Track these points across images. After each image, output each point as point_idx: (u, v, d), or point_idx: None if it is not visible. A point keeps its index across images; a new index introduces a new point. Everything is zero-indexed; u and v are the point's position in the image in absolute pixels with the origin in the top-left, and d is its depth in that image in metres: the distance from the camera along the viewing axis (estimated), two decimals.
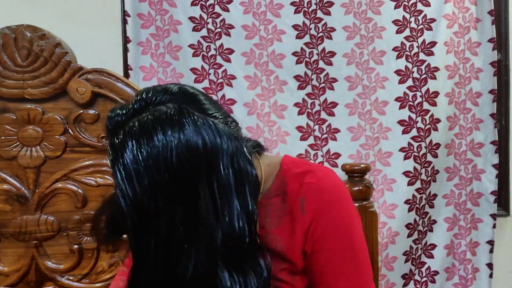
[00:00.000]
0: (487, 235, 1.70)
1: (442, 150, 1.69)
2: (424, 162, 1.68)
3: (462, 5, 1.63)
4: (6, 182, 1.09)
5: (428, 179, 1.69)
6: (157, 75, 1.56)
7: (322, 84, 1.64)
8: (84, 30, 1.47)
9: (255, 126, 1.60)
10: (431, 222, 1.72)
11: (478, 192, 1.71)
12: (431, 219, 1.72)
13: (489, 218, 1.70)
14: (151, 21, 1.54)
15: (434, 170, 1.70)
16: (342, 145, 1.65)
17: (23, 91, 1.07)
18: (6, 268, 1.10)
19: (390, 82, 1.65)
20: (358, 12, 1.61)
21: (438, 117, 1.66)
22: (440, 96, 1.66)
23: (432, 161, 1.69)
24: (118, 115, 0.62)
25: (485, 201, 1.71)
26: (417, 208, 1.68)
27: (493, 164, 1.68)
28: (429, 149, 1.67)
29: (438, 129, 1.67)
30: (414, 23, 1.63)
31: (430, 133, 1.66)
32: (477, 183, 1.71)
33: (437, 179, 1.71)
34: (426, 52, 1.64)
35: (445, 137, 1.69)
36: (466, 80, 1.67)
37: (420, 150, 1.66)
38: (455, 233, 1.73)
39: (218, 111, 0.64)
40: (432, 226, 1.72)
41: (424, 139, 1.66)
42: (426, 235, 1.71)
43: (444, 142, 1.69)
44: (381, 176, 1.66)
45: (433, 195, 1.71)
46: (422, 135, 1.65)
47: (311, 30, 1.62)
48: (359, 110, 1.65)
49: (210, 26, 1.57)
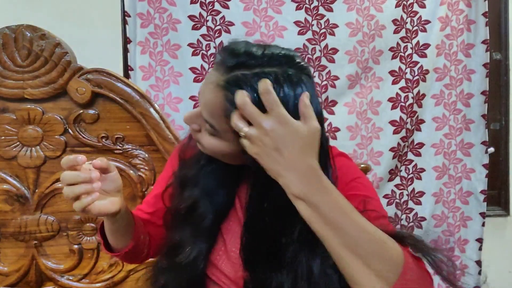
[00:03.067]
0: (476, 233, 1.74)
1: (427, 149, 1.72)
2: (405, 160, 1.71)
3: (456, 7, 1.64)
4: (6, 182, 1.09)
5: (409, 176, 1.73)
6: (155, 74, 1.55)
7: (324, 81, 1.63)
8: (84, 30, 1.45)
9: None
10: (419, 219, 1.76)
11: (467, 190, 1.75)
12: (418, 215, 1.75)
13: (478, 216, 1.74)
14: (150, 20, 1.53)
15: (417, 168, 1.73)
16: (341, 144, 1.64)
17: (23, 91, 1.07)
18: (6, 268, 1.10)
19: (384, 82, 1.66)
20: (360, 8, 1.60)
21: (422, 118, 1.70)
22: (426, 98, 1.68)
23: (414, 159, 1.72)
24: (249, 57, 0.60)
25: (474, 200, 1.74)
26: (397, 203, 1.72)
27: (483, 164, 1.72)
28: (411, 148, 1.71)
29: (422, 130, 1.70)
30: (409, 24, 1.64)
31: (413, 133, 1.69)
32: (466, 182, 1.75)
33: (423, 177, 1.74)
34: (419, 54, 1.65)
35: (431, 138, 1.72)
36: (457, 82, 1.70)
37: (404, 149, 1.69)
38: (443, 230, 1.77)
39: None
40: (420, 223, 1.76)
41: (408, 139, 1.69)
42: (413, 230, 1.75)
43: (430, 142, 1.72)
44: (372, 175, 1.68)
45: (418, 192, 1.74)
46: (408, 135, 1.69)
47: (313, 26, 1.60)
48: (357, 110, 1.65)
49: (210, 23, 1.56)
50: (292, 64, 0.60)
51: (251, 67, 0.58)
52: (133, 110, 1.11)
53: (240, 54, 0.60)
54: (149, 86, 1.53)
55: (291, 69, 0.59)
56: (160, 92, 1.54)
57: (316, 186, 0.56)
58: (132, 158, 1.13)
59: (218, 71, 0.60)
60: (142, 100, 1.12)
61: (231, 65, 0.59)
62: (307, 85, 0.59)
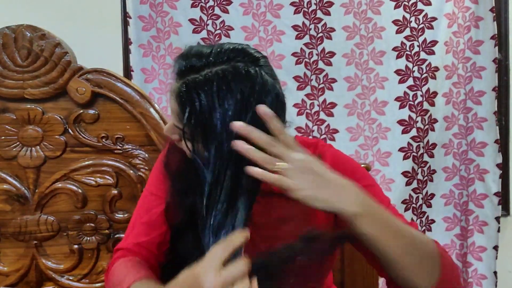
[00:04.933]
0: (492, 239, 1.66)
1: (439, 150, 1.69)
2: (421, 162, 1.67)
3: (462, 4, 1.62)
4: (6, 182, 1.09)
5: (425, 178, 1.69)
6: (158, 77, 1.57)
7: (321, 84, 1.64)
8: (84, 30, 1.47)
9: None
10: (429, 222, 1.71)
11: (482, 193, 1.68)
12: (428, 218, 1.71)
13: (493, 221, 1.66)
14: (152, 24, 1.55)
15: (430, 170, 1.69)
16: (341, 146, 1.64)
17: (23, 91, 1.08)
18: (6, 268, 1.10)
19: (389, 82, 1.64)
20: (358, 12, 1.61)
21: (435, 117, 1.66)
22: (438, 96, 1.66)
23: (429, 161, 1.68)
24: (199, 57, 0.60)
25: (489, 203, 1.67)
26: (414, 208, 1.67)
27: (497, 163, 1.66)
28: (426, 149, 1.67)
29: (435, 129, 1.67)
30: (414, 22, 1.62)
31: (427, 133, 1.66)
32: (480, 183, 1.68)
33: (434, 179, 1.70)
34: (427, 51, 1.63)
35: (442, 137, 1.68)
36: (466, 80, 1.66)
37: (419, 150, 1.65)
38: (456, 234, 1.72)
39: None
40: (430, 226, 1.71)
41: (422, 139, 1.66)
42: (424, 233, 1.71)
43: (441, 142, 1.68)
44: (380, 176, 1.65)
45: (430, 194, 1.70)
46: (421, 135, 1.65)
47: (310, 30, 1.62)
48: (358, 111, 1.65)
49: (210, 27, 1.57)
50: (241, 57, 0.59)
51: (200, 69, 0.58)
52: (133, 110, 1.11)
53: (189, 56, 0.60)
54: (152, 89, 1.55)
55: (240, 62, 0.58)
56: (163, 94, 1.56)
57: (368, 199, 0.56)
58: (132, 158, 1.13)
59: (174, 79, 0.61)
60: (142, 100, 1.11)
61: (182, 70, 0.60)
62: (259, 74, 0.58)
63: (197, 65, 0.59)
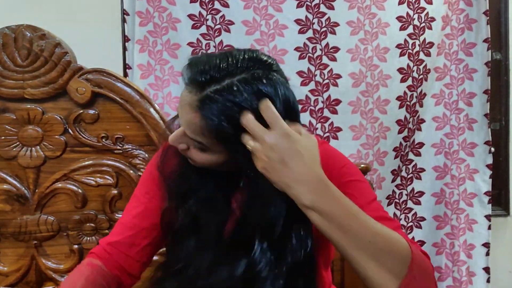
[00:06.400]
0: (482, 237, 1.70)
1: (428, 149, 1.71)
2: (406, 160, 1.70)
3: (456, 7, 1.63)
4: (6, 182, 1.09)
5: (409, 176, 1.72)
6: (154, 73, 1.55)
7: (326, 80, 1.61)
8: (84, 29, 1.45)
9: None
10: (418, 219, 1.74)
11: (472, 192, 1.72)
12: (417, 215, 1.74)
13: (483, 219, 1.71)
14: (149, 18, 1.52)
15: (417, 168, 1.72)
16: (343, 144, 1.62)
17: (23, 91, 1.07)
18: (6, 268, 1.10)
19: (392, 80, 1.62)
20: (362, 7, 1.59)
21: (423, 118, 1.69)
22: (427, 97, 1.67)
23: (414, 159, 1.71)
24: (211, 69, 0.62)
25: (478, 202, 1.71)
26: (396, 203, 1.71)
27: (487, 164, 1.70)
28: (412, 148, 1.70)
29: (422, 129, 1.69)
30: (417, 20, 1.61)
31: (414, 133, 1.69)
32: (470, 183, 1.72)
33: (423, 177, 1.73)
34: (425, 52, 1.64)
35: (431, 137, 1.71)
36: (458, 81, 1.69)
37: (406, 149, 1.68)
38: (447, 232, 1.75)
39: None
40: (420, 223, 1.75)
41: (410, 139, 1.68)
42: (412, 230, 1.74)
43: (430, 142, 1.71)
44: (376, 175, 1.67)
45: (418, 192, 1.73)
46: (410, 135, 1.68)
47: (314, 24, 1.59)
48: (361, 109, 1.62)
49: (210, 22, 1.55)
50: (257, 64, 0.62)
51: (220, 80, 0.60)
52: (133, 110, 1.11)
53: (205, 70, 0.60)
54: (148, 85, 1.53)
55: (258, 70, 0.61)
56: (159, 91, 1.54)
57: (325, 195, 0.58)
58: (132, 158, 1.13)
59: (190, 91, 0.61)
60: (142, 100, 1.12)
61: (200, 83, 0.60)
62: (276, 80, 0.61)
63: (215, 77, 0.60)
